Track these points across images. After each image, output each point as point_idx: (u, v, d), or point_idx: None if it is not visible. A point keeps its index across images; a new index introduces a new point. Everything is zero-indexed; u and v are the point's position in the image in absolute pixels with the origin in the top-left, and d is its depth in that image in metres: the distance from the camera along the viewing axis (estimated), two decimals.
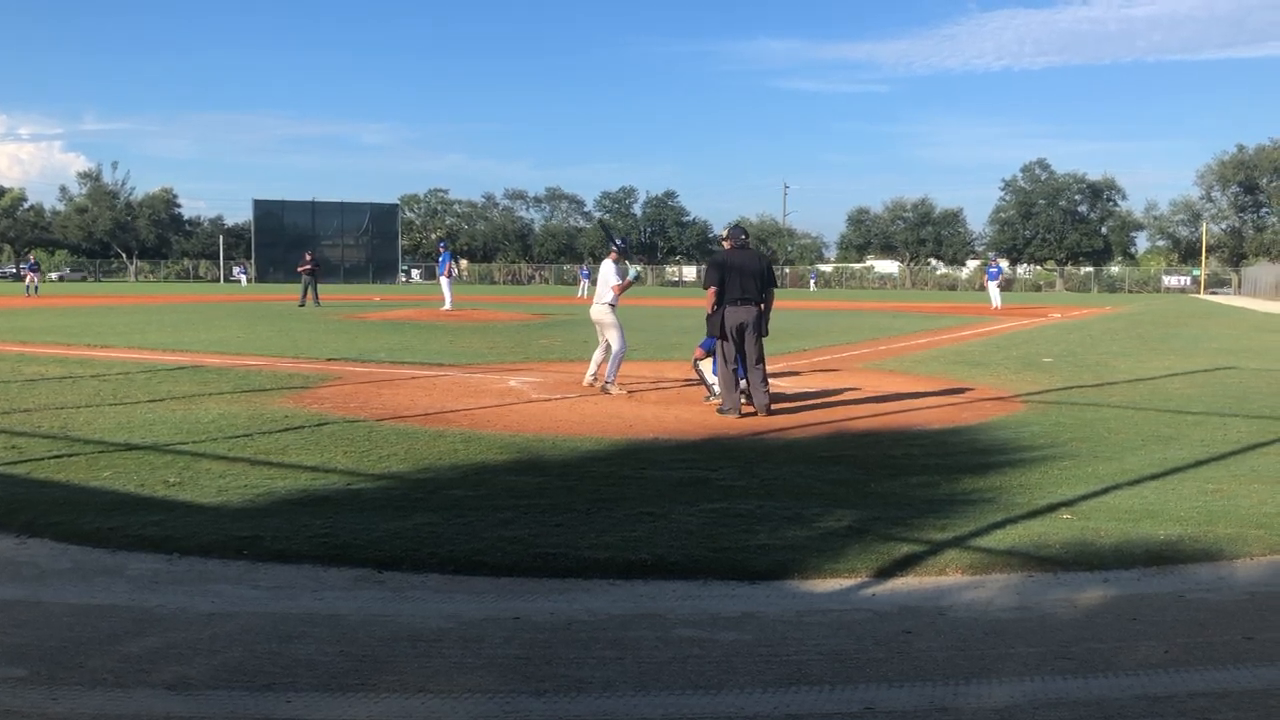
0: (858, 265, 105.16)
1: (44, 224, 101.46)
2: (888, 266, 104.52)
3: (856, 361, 15.66)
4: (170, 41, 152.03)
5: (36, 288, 45.09)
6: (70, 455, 7.10)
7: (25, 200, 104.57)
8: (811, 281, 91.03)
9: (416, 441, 7.81)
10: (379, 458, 7.17)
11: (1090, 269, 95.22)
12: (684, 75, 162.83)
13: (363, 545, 4.89)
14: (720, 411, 9.51)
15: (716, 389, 10.06)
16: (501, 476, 6.62)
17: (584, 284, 55.89)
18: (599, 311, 11.14)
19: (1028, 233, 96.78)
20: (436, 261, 32.86)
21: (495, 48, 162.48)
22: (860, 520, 5.50)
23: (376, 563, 4.67)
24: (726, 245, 10.03)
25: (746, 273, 9.61)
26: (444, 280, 30.62)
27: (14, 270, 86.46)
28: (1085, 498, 6.12)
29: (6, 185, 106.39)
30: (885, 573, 4.62)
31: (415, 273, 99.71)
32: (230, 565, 4.67)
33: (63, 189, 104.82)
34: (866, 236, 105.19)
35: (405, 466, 6.90)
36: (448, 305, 29.33)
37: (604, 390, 10.78)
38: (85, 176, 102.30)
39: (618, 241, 11.36)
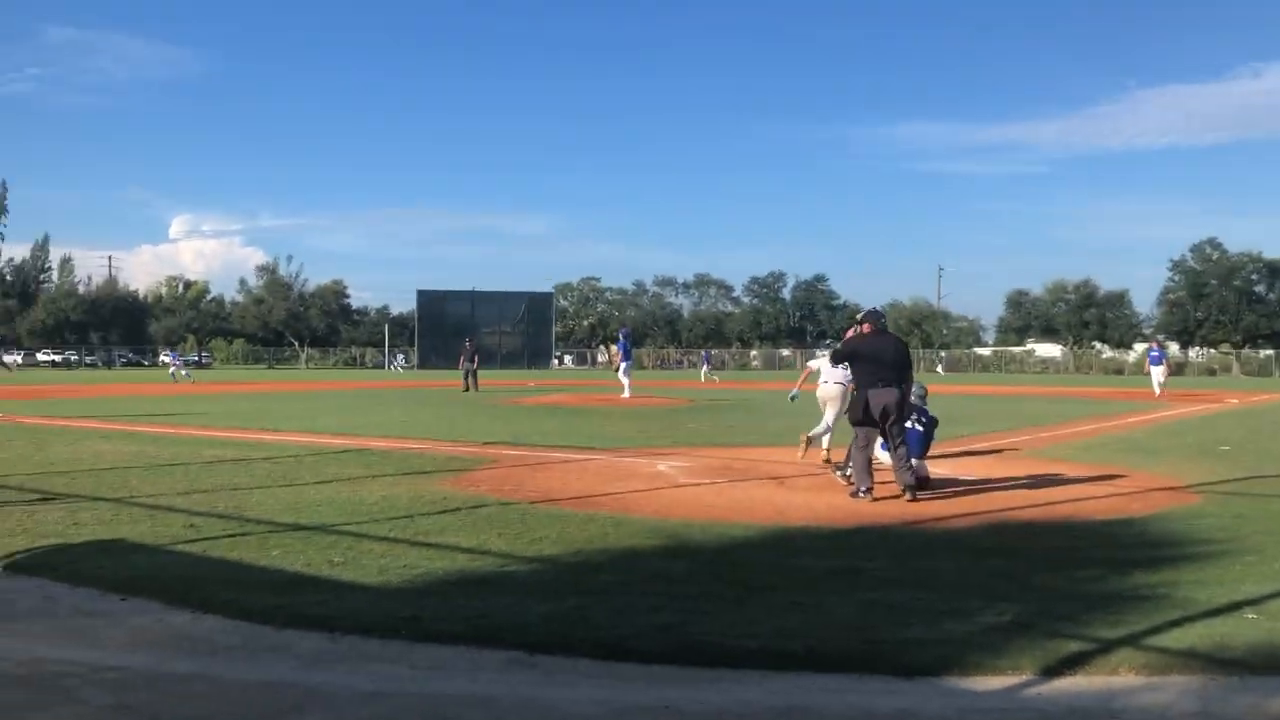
0: (1018, 349, 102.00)
1: (224, 314, 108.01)
2: (1049, 350, 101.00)
3: (1017, 448, 15.10)
4: (340, 144, 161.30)
5: (187, 375, 47.24)
6: (242, 535, 7.46)
7: (209, 292, 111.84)
8: (939, 366, 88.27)
9: (568, 524, 7.91)
10: (532, 540, 7.28)
11: (1270, 352, 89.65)
12: (832, 160, 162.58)
13: (515, 627, 4.95)
14: (853, 495, 9.47)
15: (849, 470, 10.07)
16: (651, 561, 6.62)
17: (705, 369, 55.57)
18: (832, 390, 12.20)
19: (1199, 314, 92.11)
20: (614, 347, 32.60)
21: (643, 140, 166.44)
22: (1023, 615, 5.26)
23: (528, 645, 4.71)
24: (864, 329, 10.06)
25: (885, 357, 9.65)
26: (623, 364, 30.17)
27: (197, 359, 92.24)
28: (1272, 596, 5.70)
29: (193, 278, 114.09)
30: (1052, 671, 4.39)
31: (568, 358, 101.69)
32: (389, 645, 4.79)
33: (242, 281, 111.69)
34: (1026, 319, 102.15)
35: (557, 549, 6.98)
36: (625, 393, 28.82)
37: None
38: (263, 269, 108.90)
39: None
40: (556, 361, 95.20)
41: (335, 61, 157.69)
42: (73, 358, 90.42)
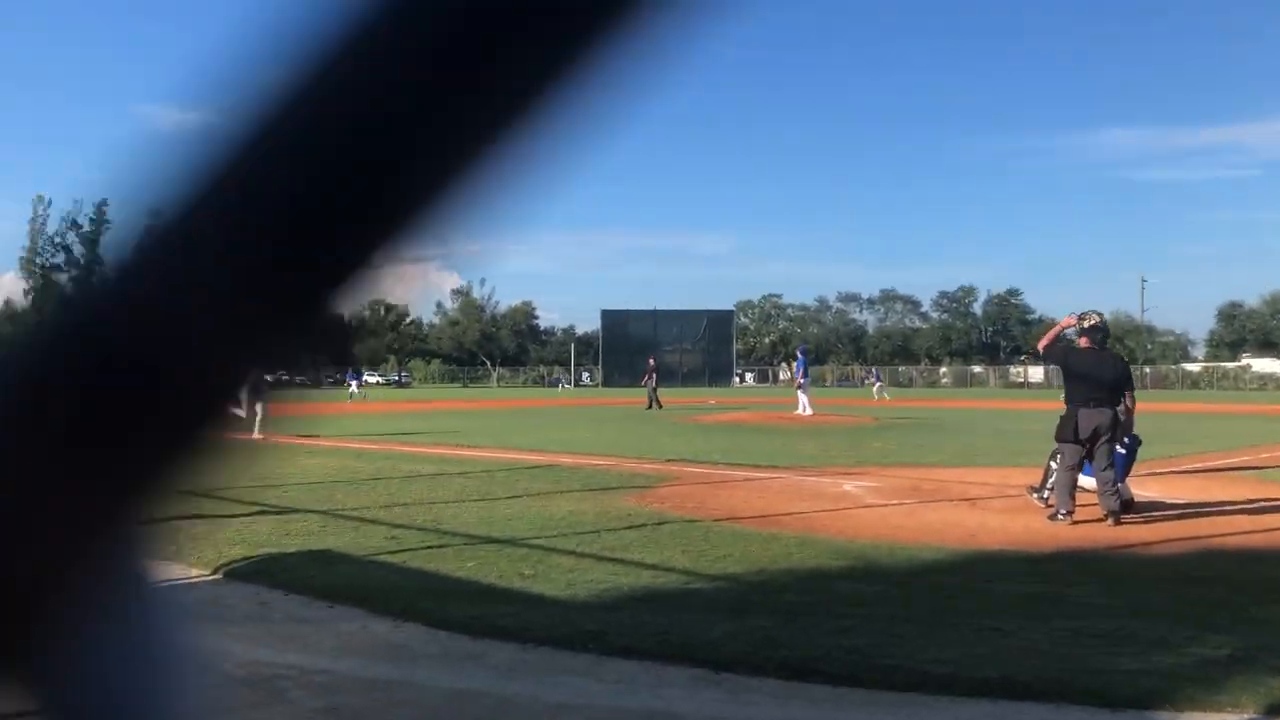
0: (1231, 364, 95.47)
1: (422, 336, 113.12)
2: (1268, 365, 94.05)
3: (1233, 470, 14.12)
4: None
5: (356, 394, 48.57)
6: (440, 547, 7.77)
7: (408, 316, 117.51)
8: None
9: (751, 543, 7.88)
10: (715, 558, 7.29)
11: None
12: (1023, 170, 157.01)
13: (700, 645, 4.96)
14: (1051, 518, 9.02)
15: (1046, 492, 9.61)
16: (837, 582, 6.52)
17: (877, 386, 54.07)
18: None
19: None
20: (793, 366, 32.87)
21: (825, 154, 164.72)
22: (1242, 649, 4.90)
23: (713, 663, 4.71)
24: (1083, 343, 9.54)
25: (1102, 377, 9.13)
26: (802, 381, 30.26)
27: (398, 378, 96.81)
28: None
29: (394, 303, 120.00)
30: (1277, 710, 4.07)
31: (749, 376, 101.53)
32: (578, 657, 4.89)
33: (438, 304, 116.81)
34: (1240, 333, 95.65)
35: (740, 568, 6.96)
36: (805, 410, 28.58)
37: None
38: (457, 293, 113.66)
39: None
40: (738, 379, 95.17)
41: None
42: (284, 378, 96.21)
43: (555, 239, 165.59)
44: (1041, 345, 9.92)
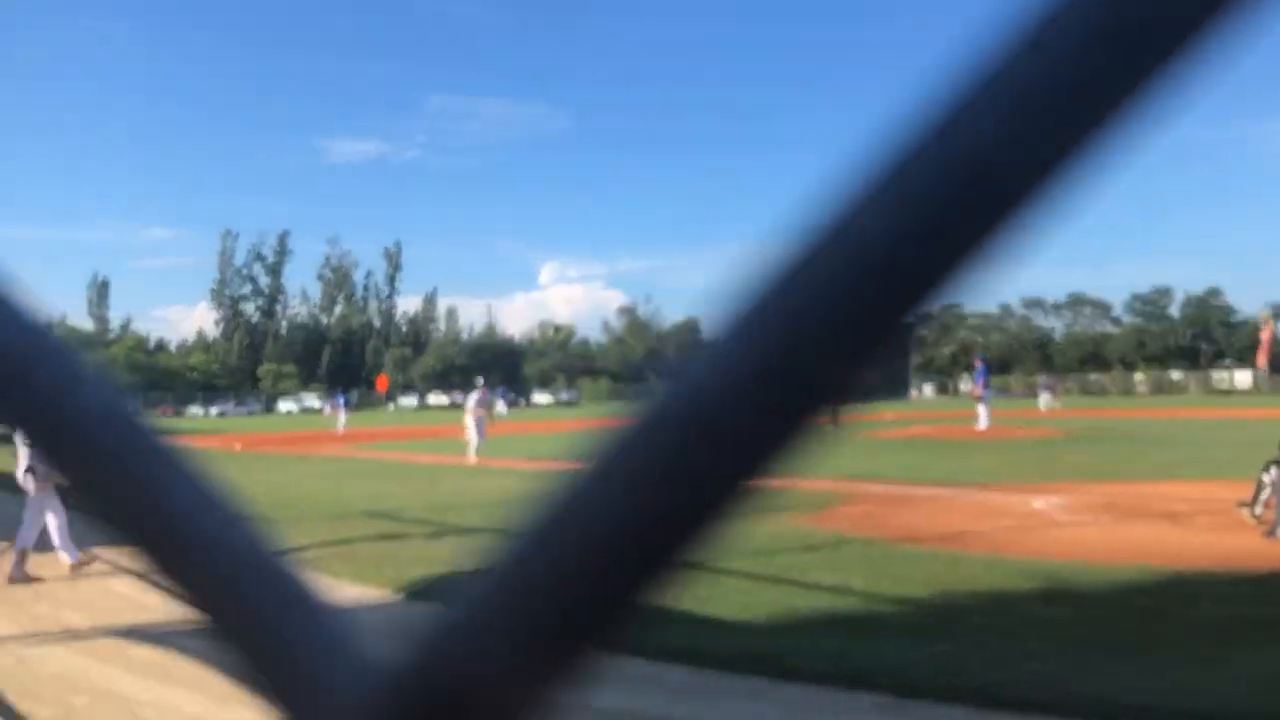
0: None
1: (589, 355, 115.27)
2: None
3: None
4: (688, 184, 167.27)
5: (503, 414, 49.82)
6: None
7: (575, 335, 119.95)
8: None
9: (934, 565, 7.60)
10: (896, 580, 7.06)
11: None
12: (1222, 161, 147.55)
13: (883, 670, 4.80)
14: (1267, 535, 8.41)
15: (1260, 508, 8.98)
16: (1027, 605, 6.20)
17: (1045, 396, 51.17)
18: None
19: None
20: (972, 375, 31.90)
21: None
22: None
23: (896, 689, 4.54)
24: None
25: None
26: (982, 393, 29.45)
27: (566, 397, 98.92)
28: None
29: (561, 323, 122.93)
30: None
31: (927, 388, 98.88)
32: (752, 681, 4.80)
33: (605, 323, 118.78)
34: None
35: (923, 590, 6.72)
36: (983, 424, 27.91)
37: None
38: (624, 311, 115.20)
39: None
40: (915, 392, 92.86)
41: (674, 106, 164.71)
42: (459, 399, 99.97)
43: (716, 252, 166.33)
44: (1260, 364, 9.35)
